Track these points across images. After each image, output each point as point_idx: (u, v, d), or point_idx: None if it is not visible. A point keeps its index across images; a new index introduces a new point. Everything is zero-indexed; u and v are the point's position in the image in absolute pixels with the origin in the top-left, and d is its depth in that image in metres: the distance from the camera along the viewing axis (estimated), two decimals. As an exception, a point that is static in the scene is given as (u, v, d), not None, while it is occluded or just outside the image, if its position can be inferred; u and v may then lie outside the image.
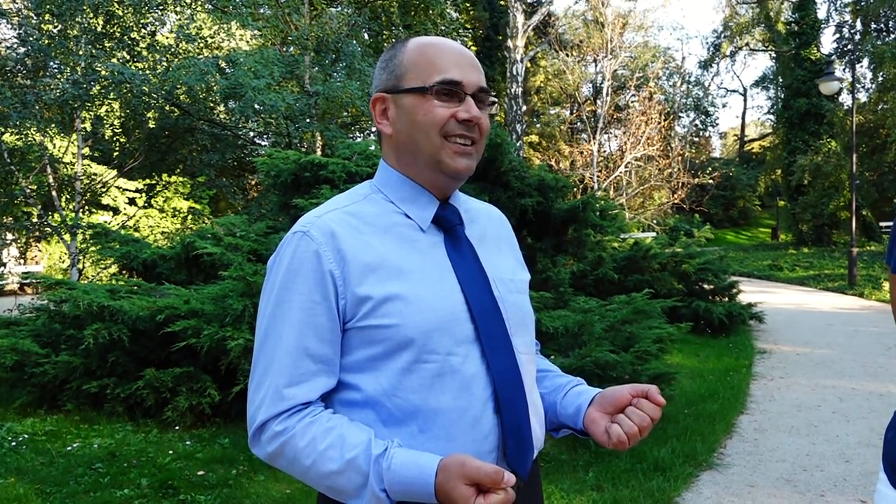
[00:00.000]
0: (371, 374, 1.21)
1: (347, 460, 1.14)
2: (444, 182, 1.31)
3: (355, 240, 1.23)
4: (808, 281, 18.44)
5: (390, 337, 1.18)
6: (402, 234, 1.27)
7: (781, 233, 35.60)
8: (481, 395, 1.22)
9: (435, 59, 1.27)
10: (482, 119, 1.28)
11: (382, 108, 1.32)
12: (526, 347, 1.33)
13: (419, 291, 1.21)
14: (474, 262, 1.30)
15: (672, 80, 41.57)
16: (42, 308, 6.26)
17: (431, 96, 1.25)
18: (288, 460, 1.19)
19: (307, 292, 1.20)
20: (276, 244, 5.15)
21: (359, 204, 1.30)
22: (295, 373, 1.19)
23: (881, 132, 28.99)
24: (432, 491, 1.11)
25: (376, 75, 1.35)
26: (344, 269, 1.20)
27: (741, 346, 9.15)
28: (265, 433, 1.20)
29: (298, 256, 1.22)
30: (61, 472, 4.29)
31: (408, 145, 1.28)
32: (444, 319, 1.20)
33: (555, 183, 8.07)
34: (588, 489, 4.17)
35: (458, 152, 1.26)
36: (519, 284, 1.38)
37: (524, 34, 22.98)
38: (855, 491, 4.23)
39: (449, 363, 1.20)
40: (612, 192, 25.39)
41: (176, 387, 5.14)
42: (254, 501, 3.93)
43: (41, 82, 12.20)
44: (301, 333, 1.20)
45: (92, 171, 15.28)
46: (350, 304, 1.20)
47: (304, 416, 1.19)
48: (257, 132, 17.71)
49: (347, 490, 1.15)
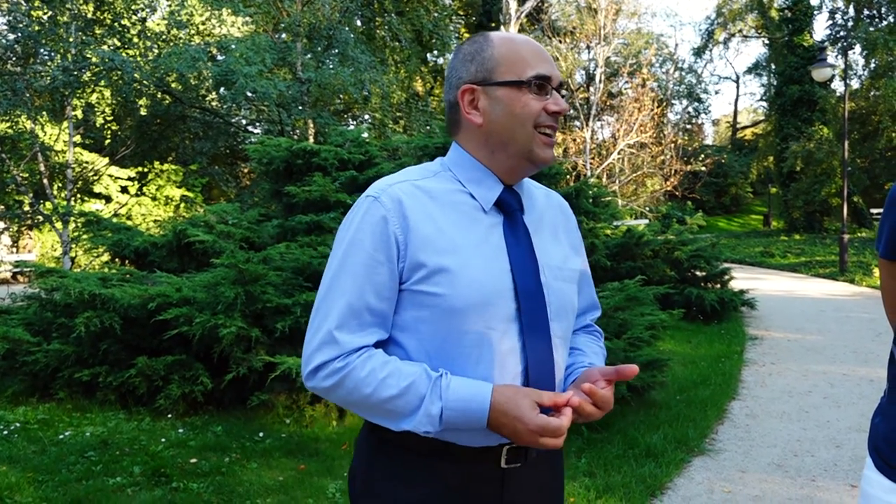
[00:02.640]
0: (415, 335, 1.31)
1: (406, 385, 1.24)
2: (525, 169, 1.40)
3: (420, 211, 1.31)
4: (800, 267, 18.52)
5: (437, 304, 1.27)
6: (465, 212, 1.35)
7: (773, 219, 35.71)
8: (513, 370, 1.30)
9: (526, 55, 1.35)
10: (567, 110, 1.41)
11: (471, 99, 1.37)
12: (563, 332, 1.40)
13: (470, 267, 1.29)
14: (527, 246, 1.37)
15: (665, 67, 41.55)
16: (33, 296, 6.23)
17: (527, 89, 1.33)
18: (347, 390, 1.27)
19: (372, 251, 1.29)
20: (269, 232, 5.16)
21: (429, 179, 1.38)
22: (353, 322, 1.29)
23: (873, 119, 29.07)
24: (487, 407, 1.21)
25: (459, 67, 1.40)
26: (407, 235, 1.29)
27: (733, 332, 9.19)
28: (323, 370, 1.29)
29: (368, 219, 1.31)
30: (53, 460, 4.28)
31: (501, 134, 1.35)
32: (490, 296, 1.28)
33: (547, 170, 8.05)
34: (580, 475, 4.20)
35: (547, 143, 1.36)
36: (568, 273, 1.45)
37: (517, 21, 22.88)
38: (846, 476, 4.27)
39: (487, 337, 1.28)
40: (605, 180, 25.36)
41: (168, 375, 5.13)
42: (246, 489, 3.93)
43: (31, 69, 12.12)
44: (362, 288, 1.29)
45: (83, 158, 15.22)
46: (407, 268, 1.29)
47: (362, 353, 1.29)
48: (249, 120, 17.64)
49: (404, 411, 1.25)
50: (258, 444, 4.65)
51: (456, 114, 1.40)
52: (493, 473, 1.32)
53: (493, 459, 1.32)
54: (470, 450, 1.30)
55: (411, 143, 7.88)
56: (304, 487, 3.94)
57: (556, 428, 1.20)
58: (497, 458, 1.32)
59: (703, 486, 4.12)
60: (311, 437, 4.80)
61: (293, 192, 6.76)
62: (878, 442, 1.60)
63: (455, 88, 1.39)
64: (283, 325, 5.02)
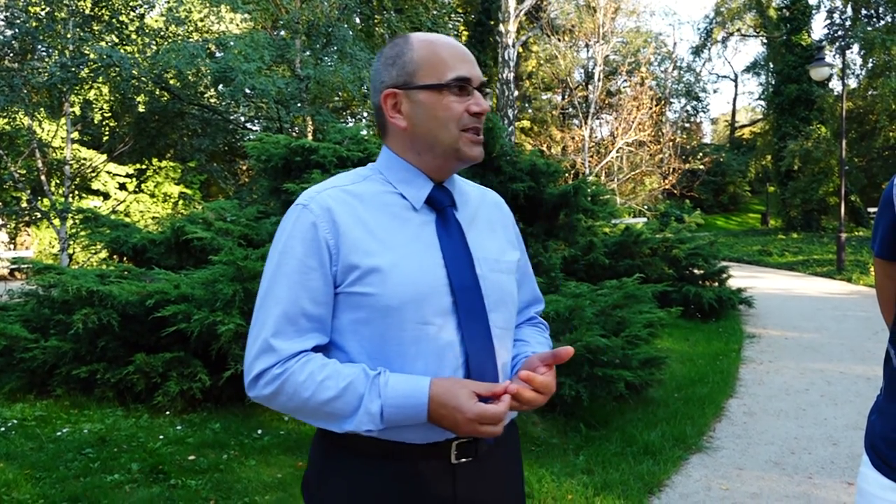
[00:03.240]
0: (355, 336, 1.33)
1: (344, 386, 1.26)
2: (453, 168, 1.42)
3: (349, 215, 1.33)
4: (797, 266, 18.54)
5: (372, 304, 1.29)
6: (395, 213, 1.37)
7: (771, 218, 35.73)
8: (453, 362, 1.32)
9: (445, 57, 1.37)
10: (489, 110, 1.40)
11: (394, 103, 1.39)
12: (503, 322, 1.41)
13: (402, 265, 1.31)
14: (460, 240, 1.39)
15: (664, 65, 41.52)
16: (31, 293, 6.22)
17: (448, 92, 1.35)
18: (288, 396, 1.29)
19: (304, 258, 1.31)
20: (267, 229, 5.17)
21: (358, 184, 1.40)
22: (290, 329, 1.31)
23: (870, 118, 29.11)
24: (426, 401, 1.24)
25: (381, 71, 1.41)
26: (338, 240, 1.31)
27: (731, 330, 9.20)
28: (263, 378, 1.30)
29: (298, 226, 1.34)
30: (51, 457, 4.27)
31: (425, 137, 1.37)
32: (423, 292, 1.30)
33: (546, 168, 8.06)
34: (578, 472, 4.20)
35: (473, 141, 1.38)
36: (505, 265, 1.47)
37: (516, 19, 22.87)
38: (842, 473, 4.28)
39: (425, 332, 1.30)
40: (604, 178, 25.38)
41: (166, 372, 5.12)
42: (245, 486, 3.93)
43: (29, 65, 12.08)
44: (297, 294, 1.31)
45: (81, 155, 15.19)
46: (340, 272, 1.31)
47: (300, 358, 1.30)
48: (248, 117, 17.63)
49: (344, 412, 1.26)
50: (256, 441, 4.64)
51: (382, 118, 1.42)
52: (445, 469, 1.33)
53: (444, 455, 1.33)
54: (419, 447, 1.31)
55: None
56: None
57: (493, 415, 1.22)
58: (447, 453, 1.33)
59: (701, 484, 4.13)
60: (309, 434, 4.80)
61: (292, 190, 6.74)
62: (875, 440, 1.61)
63: (378, 93, 1.41)
64: (282, 323, 5.01)
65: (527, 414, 4.88)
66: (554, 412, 5.06)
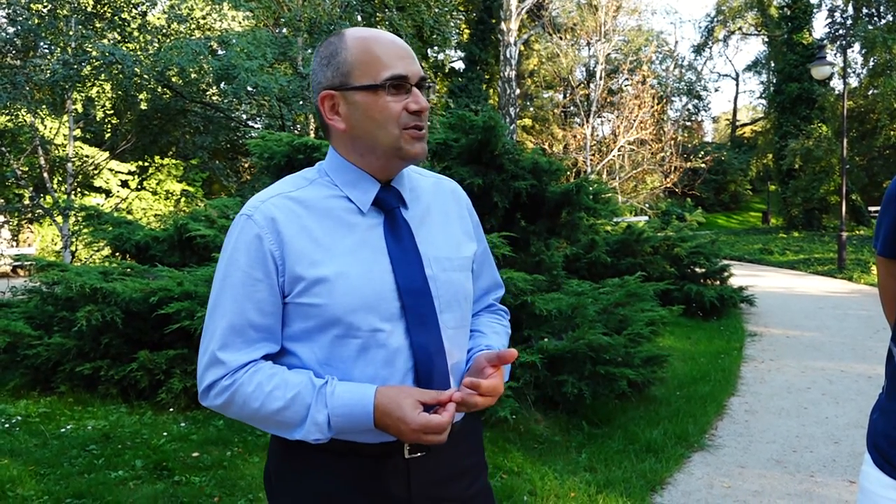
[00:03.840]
0: (306, 344, 1.33)
1: (291, 396, 1.26)
2: (397, 166, 1.39)
3: (294, 224, 1.32)
4: (798, 265, 18.54)
5: (320, 314, 1.29)
6: (341, 218, 1.35)
7: (772, 217, 35.74)
8: (402, 367, 1.32)
9: (379, 55, 1.32)
10: (428, 107, 1.36)
11: (332, 105, 1.36)
12: (457, 322, 1.41)
13: (347, 274, 1.30)
14: (409, 242, 1.37)
15: (665, 64, 41.51)
16: (34, 290, 6.24)
17: (383, 92, 1.31)
18: (238, 406, 1.30)
19: (249, 269, 1.31)
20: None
21: (303, 189, 1.38)
22: (238, 340, 1.31)
23: (871, 117, 29.08)
24: (371, 410, 1.24)
25: (318, 71, 1.38)
26: (283, 250, 1.30)
27: (732, 328, 9.21)
28: (213, 389, 1.31)
29: (242, 238, 1.32)
30: (55, 453, 4.29)
31: (364, 139, 1.35)
32: (370, 299, 1.30)
33: (548, 166, 8.05)
34: (581, 470, 4.21)
35: (415, 137, 1.34)
36: (459, 262, 1.45)
37: (518, 17, 22.88)
38: (844, 472, 4.29)
39: (375, 338, 1.30)
40: (605, 176, 25.38)
41: (170, 369, 5.14)
42: (248, 483, 3.94)
43: (31, 63, 12.10)
44: (242, 306, 1.31)
45: (83, 152, 15.19)
46: (287, 282, 1.31)
47: (248, 369, 1.31)
48: (250, 114, 17.61)
49: (293, 422, 1.28)
50: (260, 438, 4.65)
51: (321, 119, 1.39)
52: (399, 465, 1.34)
53: (397, 452, 1.34)
54: (372, 446, 1.32)
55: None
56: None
57: (437, 425, 1.23)
58: (400, 450, 1.34)
59: (703, 482, 4.14)
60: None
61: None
62: (877, 438, 1.61)
63: (316, 94, 1.38)
64: (285, 320, 5.03)
65: (529, 411, 4.89)
66: (556, 410, 5.08)
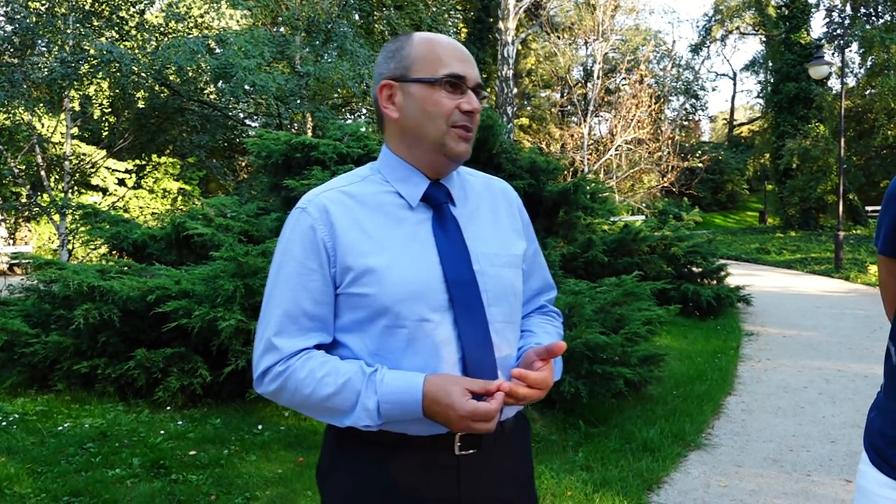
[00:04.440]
0: (357, 335, 1.36)
1: (342, 383, 1.30)
2: (443, 164, 1.43)
3: (346, 216, 1.37)
4: (795, 264, 18.58)
5: (369, 304, 1.33)
6: (391, 213, 1.40)
7: (769, 216, 35.80)
8: (450, 358, 1.34)
9: (441, 54, 1.40)
10: (480, 110, 1.42)
11: (389, 94, 1.42)
12: (505, 316, 1.43)
13: (396, 265, 1.34)
14: (457, 237, 1.41)
15: (662, 63, 41.50)
16: (32, 288, 6.23)
17: (439, 87, 1.38)
18: (290, 392, 1.34)
19: (303, 259, 1.36)
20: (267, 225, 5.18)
21: (356, 185, 1.44)
22: (292, 327, 1.36)
23: (869, 117, 29.09)
24: (420, 397, 1.27)
25: (381, 63, 1.45)
26: (335, 242, 1.35)
27: (729, 328, 9.22)
28: (268, 375, 1.36)
29: (297, 229, 1.38)
30: (52, 451, 4.29)
31: (414, 130, 1.40)
32: (418, 289, 1.33)
33: (546, 165, 8.08)
34: (578, 469, 4.22)
35: (462, 137, 1.40)
36: (507, 258, 1.48)
37: (515, 16, 22.87)
38: (840, 471, 4.30)
39: (422, 328, 1.33)
40: (602, 175, 25.36)
41: (167, 367, 5.14)
42: (245, 481, 3.94)
43: (29, 61, 12.07)
44: (297, 295, 1.36)
45: (81, 151, 15.17)
46: (339, 273, 1.35)
47: (301, 356, 1.35)
48: (247, 113, 17.60)
49: (343, 408, 1.31)
50: (257, 436, 4.66)
51: (378, 109, 1.45)
52: (449, 461, 1.36)
53: (448, 447, 1.36)
54: (423, 438, 1.34)
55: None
56: (303, 480, 3.96)
57: (485, 412, 1.24)
58: (451, 445, 1.36)
59: (700, 481, 4.15)
60: (309, 429, 4.82)
61: (292, 186, 6.75)
62: (875, 437, 1.61)
63: (376, 84, 1.45)
64: (282, 319, 5.02)
65: (526, 410, 4.89)
66: (553, 409, 5.08)
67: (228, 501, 3.70)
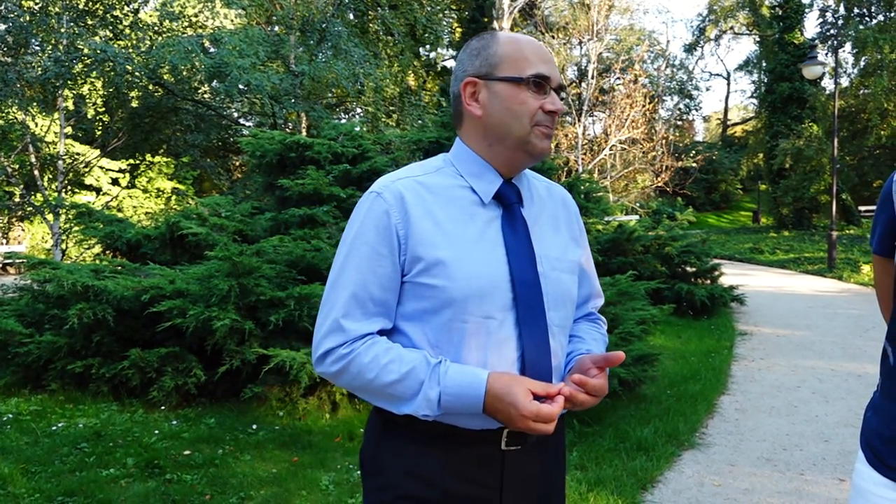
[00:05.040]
0: (419, 324, 1.37)
1: (406, 371, 1.31)
2: (523, 161, 1.44)
3: (420, 206, 1.37)
4: (789, 264, 18.63)
5: (436, 296, 1.33)
6: (464, 207, 1.40)
7: (763, 216, 35.88)
8: (510, 356, 1.36)
9: (528, 54, 1.41)
10: (563, 111, 1.45)
11: (473, 91, 1.43)
12: (561, 321, 1.45)
13: (467, 260, 1.34)
14: (525, 238, 1.42)
15: (656, 63, 41.56)
16: (25, 288, 6.21)
17: (526, 87, 1.39)
18: (352, 375, 1.35)
19: (375, 244, 1.36)
20: (262, 225, 5.15)
21: (430, 175, 1.44)
22: (358, 311, 1.36)
23: (862, 117, 29.22)
24: (483, 393, 1.28)
25: (465, 61, 1.46)
26: (408, 230, 1.35)
27: (723, 327, 9.25)
28: (330, 356, 1.37)
29: (371, 213, 1.38)
30: (46, 451, 4.28)
31: (498, 127, 1.41)
32: (486, 286, 1.34)
33: (540, 165, 8.08)
34: (572, 468, 4.23)
35: (544, 134, 1.41)
36: (567, 264, 1.50)
37: (510, 16, 22.87)
38: (833, 470, 4.32)
39: (486, 325, 1.34)
40: (597, 175, 25.40)
41: (161, 367, 5.13)
42: (240, 481, 3.94)
43: (22, 60, 12.03)
44: (366, 279, 1.36)
45: (74, 150, 15.12)
46: (408, 261, 1.36)
47: (366, 340, 1.36)
48: (241, 112, 17.57)
49: (405, 396, 1.32)
50: (252, 436, 4.66)
51: (459, 105, 1.46)
52: (495, 455, 1.38)
53: (494, 442, 1.37)
54: (471, 432, 1.35)
55: (405, 138, 7.91)
56: (298, 479, 3.96)
57: (547, 414, 1.25)
58: (498, 440, 1.37)
59: (694, 480, 4.16)
60: (304, 429, 4.82)
61: (286, 186, 6.75)
62: (871, 437, 1.61)
63: (459, 81, 1.45)
64: (277, 318, 5.03)
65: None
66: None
67: (223, 501, 3.70)
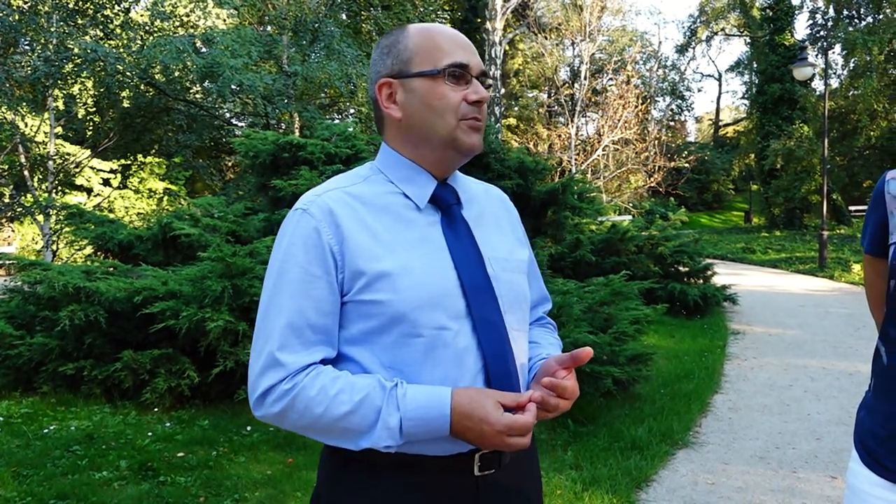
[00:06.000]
0: (367, 347, 1.24)
1: (359, 400, 1.17)
2: (454, 160, 1.33)
3: (352, 218, 1.26)
4: (780, 263, 18.71)
5: (382, 312, 1.21)
6: (399, 214, 1.29)
7: (754, 216, 35.99)
8: (472, 368, 1.24)
9: (441, 44, 1.29)
10: (488, 98, 1.32)
11: (389, 93, 1.32)
12: (519, 324, 1.35)
13: (411, 269, 1.23)
14: (469, 240, 1.32)
15: (649, 64, 41.71)
16: (16, 289, 6.17)
17: (443, 79, 1.28)
18: (299, 413, 1.20)
19: (307, 265, 1.23)
20: (255, 225, 5.16)
21: (359, 185, 1.32)
22: (295, 341, 1.22)
23: (852, 117, 29.35)
24: (448, 412, 1.16)
25: (377, 61, 1.35)
26: (342, 245, 1.23)
27: (715, 327, 9.27)
28: (270, 395, 1.21)
29: (299, 232, 1.25)
30: (38, 454, 4.25)
31: (420, 128, 1.30)
32: (436, 295, 1.23)
33: (534, 165, 8.11)
34: (567, 468, 4.23)
35: (473, 128, 1.30)
36: (515, 263, 1.40)
37: (503, 16, 22.92)
38: (825, 467, 4.33)
39: (441, 337, 1.22)
40: (590, 176, 25.43)
41: (154, 368, 5.11)
42: (234, 483, 3.92)
43: (11, 59, 11.96)
44: (301, 304, 1.22)
45: (65, 150, 15.05)
46: (347, 278, 1.23)
47: (309, 371, 1.21)
48: (234, 113, 17.53)
49: (361, 428, 1.18)
50: (246, 437, 4.64)
51: (378, 110, 1.35)
52: (467, 482, 1.25)
53: (466, 468, 1.25)
54: (441, 459, 1.23)
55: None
56: (292, 481, 3.95)
57: (522, 425, 1.16)
58: (470, 465, 1.25)
59: (688, 479, 4.17)
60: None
61: (280, 186, 6.73)
62: (864, 436, 1.62)
63: (374, 83, 1.34)
64: (271, 319, 5.00)
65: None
66: (542, 408, 5.08)
67: (217, 503, 3.68)
